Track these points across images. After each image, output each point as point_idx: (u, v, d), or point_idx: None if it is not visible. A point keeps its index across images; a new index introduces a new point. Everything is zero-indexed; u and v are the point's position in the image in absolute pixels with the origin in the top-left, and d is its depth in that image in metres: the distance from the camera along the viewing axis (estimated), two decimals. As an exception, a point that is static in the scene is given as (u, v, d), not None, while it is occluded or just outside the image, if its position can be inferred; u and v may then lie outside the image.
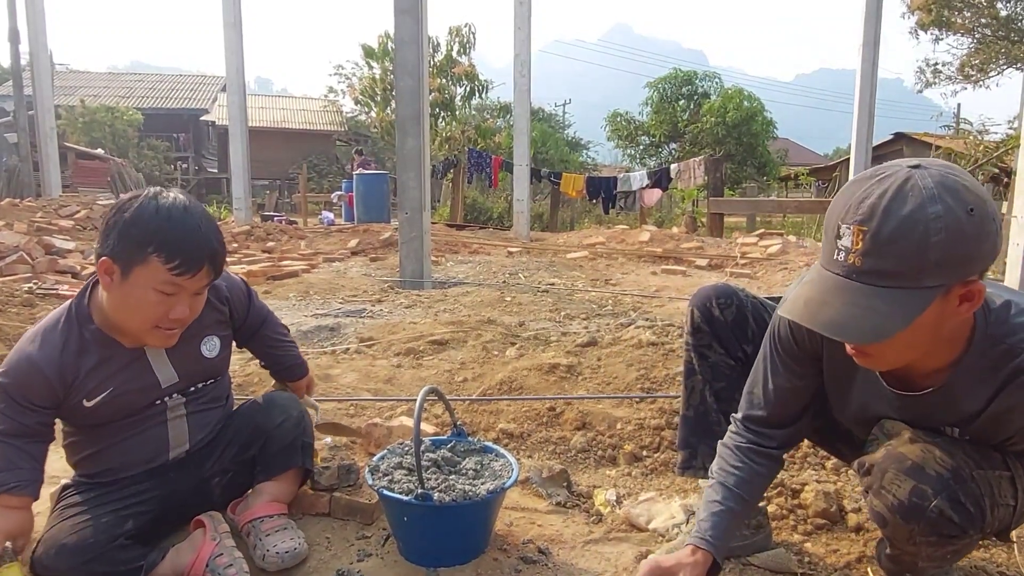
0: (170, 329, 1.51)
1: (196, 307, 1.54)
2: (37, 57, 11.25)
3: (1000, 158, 14.28)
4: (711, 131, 23.73)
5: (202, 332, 1.67)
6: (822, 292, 1.12)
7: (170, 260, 1.42)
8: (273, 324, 1.94)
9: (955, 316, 1.12)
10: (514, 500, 1.95)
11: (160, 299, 1.45)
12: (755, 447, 1.49)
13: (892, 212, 1.03)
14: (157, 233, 1.42)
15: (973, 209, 1.03)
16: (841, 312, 1.09)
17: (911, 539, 1.23)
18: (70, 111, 25.07)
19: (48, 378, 1.48)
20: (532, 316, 4.34)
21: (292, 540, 1.59)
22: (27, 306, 4.12)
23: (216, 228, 1.52)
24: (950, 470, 1.19)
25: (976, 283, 1.08)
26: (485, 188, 18.10)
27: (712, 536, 1.41)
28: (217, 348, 1.71)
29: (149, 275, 1.43)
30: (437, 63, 21.86)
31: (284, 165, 26.57)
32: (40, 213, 8.41)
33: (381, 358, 3.38)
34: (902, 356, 1.20)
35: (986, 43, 21.04)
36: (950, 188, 1.03)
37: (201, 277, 1.48)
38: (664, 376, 2.73)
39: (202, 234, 1.47)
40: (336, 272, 6.51)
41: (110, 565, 1.46)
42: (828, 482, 2.00)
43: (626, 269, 7.15)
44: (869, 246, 1.05)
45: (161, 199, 1.47)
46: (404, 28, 5.71)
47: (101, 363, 1.54)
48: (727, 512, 1.44)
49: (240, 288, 1.80)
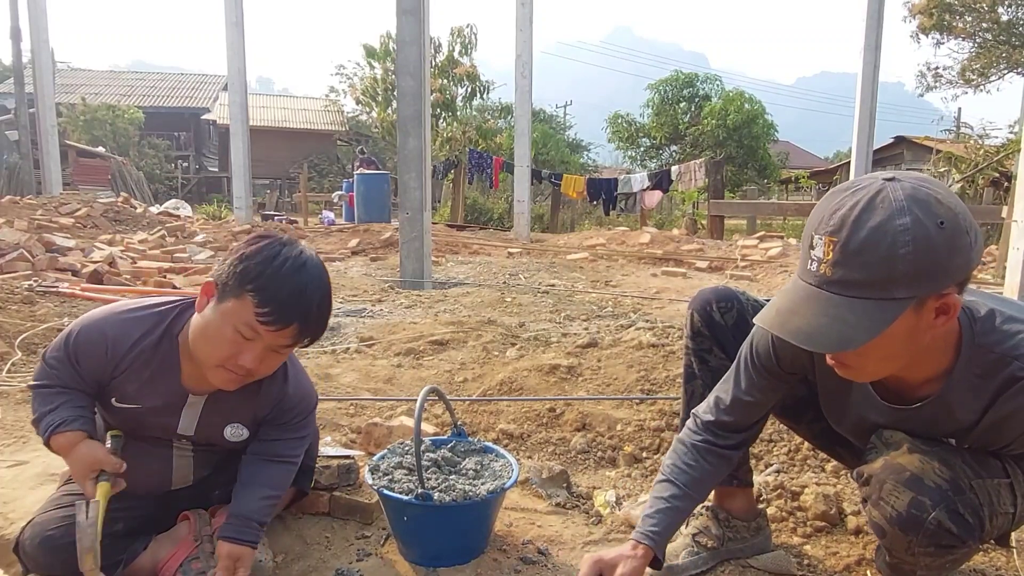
0: (233, 373, 1.43)
1: (267, 364, 1.45)
2: (39, 55, 11.27)
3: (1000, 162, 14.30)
4: (712, 133, 23.73)
5: (234, 416, 1.58)
6: (793, 301, 1.13)
7: (262, 304, 1.36)
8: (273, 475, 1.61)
9: (931, 329, 1.11)
10: (514, 501, 1.95)
11: (236, 338, 1.39)
12: (711, 447, 1.51)
13: (861, 223, 1.04)
14: (263, 275, 1.37)
15: (943, 222, 1.03)
16: (809, 321, 1.10)
17: (909, 550, 1.23)
18: (71, 109, 25.09)
19: (112, 351, 1.47)
20: (532, 317, 4.34)
21: (258, 552, 1.55)
22: (27, 303, 4.12)
23: (325, 299, 1.44)
24: (948, 481, 1.19)
25: (950, 296, 1.08)
26: (486, 189, 18.11)
27: (655, 533, 1.44)
28: (242, 438, 1.60)
29: (238, 311, 1.37)
30: (439, 63, 21.88)
31: (285, 165, 26.58)
32: (41, 211, 8.40)
33: (381, 358, 3.38)
34: (881, 368, 1.20)
35: (987, 47, 21.07)
36: (920, 201, 1.04)
37: (285, 335, 1.39)
38: (664, 378, 2.73)
39: (305, 295, 1.39)
40: (336, 272, 6.51)
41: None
42: (828, 485, 2.00)
43: (626, 271, 7.16)
44: (839, 256, 1.06)
45: (288, 248, 1.42)
46: (406, 28, 5.71)
47: (149, 379, 1.50)
48: (673, 510, 1.47)
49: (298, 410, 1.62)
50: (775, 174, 25.93)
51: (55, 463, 1.98)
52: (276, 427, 1.60)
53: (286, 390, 1.58)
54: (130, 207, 10.32)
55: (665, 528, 1.45)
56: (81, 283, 4.80)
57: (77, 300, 4.29)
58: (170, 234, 8.42)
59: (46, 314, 3.85)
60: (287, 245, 1.42)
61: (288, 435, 1.62)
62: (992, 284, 6.26)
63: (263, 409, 1.58)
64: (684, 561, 1.61)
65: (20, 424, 2.46)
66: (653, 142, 26.55)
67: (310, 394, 1.66)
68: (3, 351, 3.24)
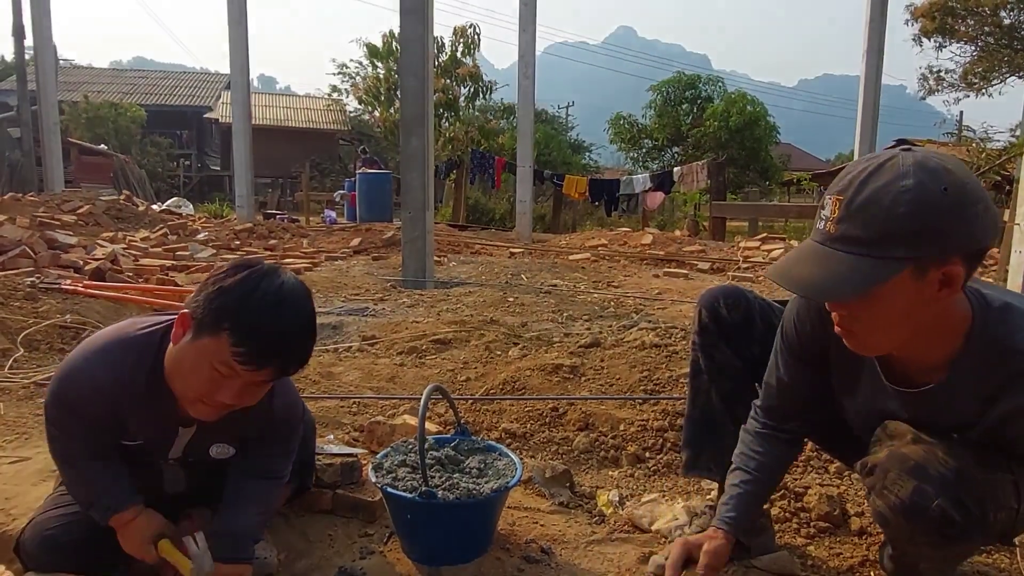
0: (211, 407, 1.38)
1: (246, 399, 1.38)
2: (41, 52, 11.27)
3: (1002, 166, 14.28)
4: (714, 135, 23.70)
5: (222, 436, 1.54)
6: (798, 254, 1.19)
7: (238, 344, 1.28)
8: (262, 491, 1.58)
9: (935, 302, 1.12)
10: (517, 500, 1.95)
11: (212, 376, 1.32)
12: (772, 433, 1.54)
13: (866, 183, 1.09)
14: (240, 313, 1.29)
15: (947, 188, 1.05)
16: (806, 271, 1.15)
17: (912, 539, 1.23)
18: (73, 107, 25.09)
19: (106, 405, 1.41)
20: (535, 317, 4.34)
21: (261, 550, 1.55)
22: (29, 300, 4.12)
23: (305, 333, 1.37)
24: (953, 470, 1.19)
25: (954, 267, 1.09)
26: (488, 189, 18.10)
27: (731, 519, 1.47)
28: (228, 454, 1.57)
29: (214, 349, 1.30)
30: (441, 63, 21.87)
31: (287, 163, 26.55)
32: (43, 208, 8.41)
33: (384, 357, 3.38)
34: (883, 338, 1.21)
35: (989, 51, 21.06)
36: (927, 167, 1.07)
37: (264, 374, 1.34)
38: (667, 378, 2.73)
39: (284, 336, 1.33)
40: (338, 271, 6.51)
41: (93, 557, 1.46)
42: (831, 486, 1.99)
43: (628, 271, 7.15)
44: (843, 213, 1.11)
45: (267, 281, 1.33)
46: (410, 28, 5.71)
47: (148, 415, 1.45)
48: (747, 495, 1.50)
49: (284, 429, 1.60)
50: (777, 176, 25.90)
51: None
52: (264, 443, 1.56)
53: (272, 407, 1.52)
54: (132, 205, 10.34)
55: (741, 513, 1.48)
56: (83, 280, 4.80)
57: (79, 297, 4.29)
58: (172, 232, 8.43)
59: (48, 311, 3.85)
60: (266, 276, 1.33)
61: (276, 450, 1.58)
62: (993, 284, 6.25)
63: (250, 429, 1.54)
64: None
65: (22, 420, 2.46)
66: (655, 143, 26.51)
67: (295, 403, 1.62)
68: (5, 347, 3.24)
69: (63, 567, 1.44)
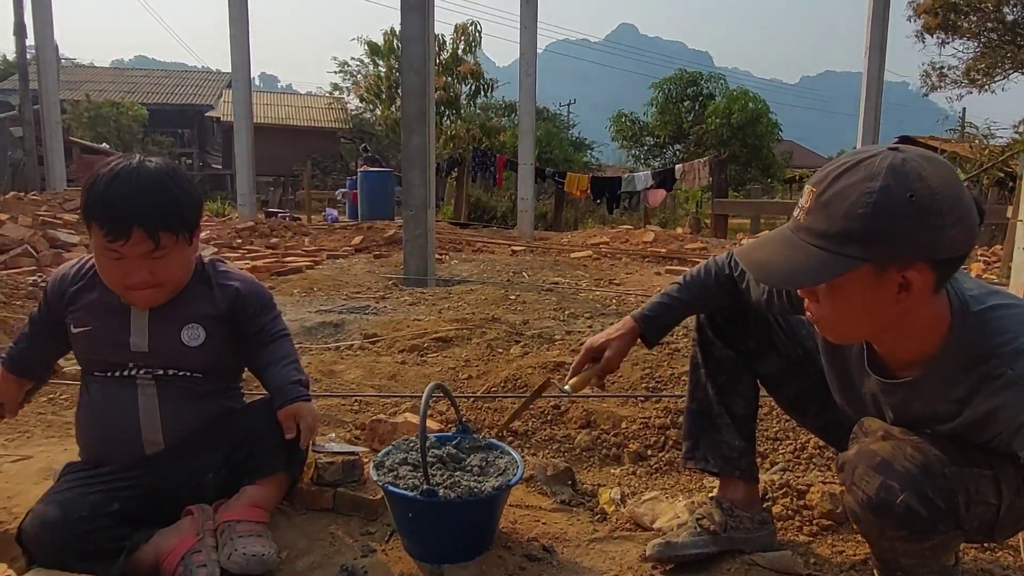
0: (142, 290, 1.54)
1: (162, 272, 1.54)
2: (43, 51, 11.26)
3: (1005, 162, 14.23)
4: (716, 132, 23.67)
5: (187, 318, 1.64)
6: (767, 239, 1.24)
7: (101, 227, 1.46)
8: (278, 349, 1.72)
9: (896, 302, 1.14)
10: (518, 498, 1.94)
11: (111, 263, 1.50)
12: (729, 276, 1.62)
13: (838, 179, 1.11)
14: (95, 201, 1.47)
15: (914, 196, 1.06)
16: (767, 255, 1.20)
17: (883, 534, 1.24)
18: (75, 106, 25.12)
19: (61, 281, 1.68)
20: (536, 315, 4.34)
21: (262, 547, 1.53)
22: (31, 299, 4.13)
23: (170, 192, 1.51)
24: (919, 466, 1.19)
25: (913, 273, 1.10)
26: (489, 187, 18.09)
27: (644, 315, 1.68)
28: (200, 339, 1.64)
29: (95, 240, 1.50)
30: (443, 61, 21.84)
31: (288, 162, 26.56)
32: (45, 207, 8.42)
33: (385, 355, 3.38)
34: (848, 328, 1.24)
35: (992, 47, 20.98)
36: (900, 172, 1.07)
37: (136, 243, 1.46)
38: (669, 375, 2.73)
39: (135, 198, 1.46)
40: (340, 269, 6.51)
41: (92, 543, 1.46)
42: (834, 483, 1.98)
43: (630, 269, 7.15)
44: (812, 204, 1.14)
45: (119, 165, 1.51)
46: (411, 26, 5.70)
47: (94, 301, 1.63)
48: (671, 301, 1.67)
49: (259, 297, 1.73)
50: (779, 173, 25.87)
51: (59, 458, 1.98)
52: (251, 318, 1.70)
53: (238, 287, 1.69)
54: (134, 203, 10.32)
55: (656, 313, 1.68)
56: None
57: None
58: (174, 231, 8.41)
59: (50, 309, 3.85)
60: (119, 164, 1.51)
61: (267, 317, 1.73)
62: (997, 284, 6.24)
63: (218, 307, 1.67)
64: (685, 540, 1.63)
65: (24, 419, 2.46)
66: (657, 141, 26.49)
67: (262, 288, 1.78)
68: (7, 346, 3.24)
69: (62, 549, 1.45)
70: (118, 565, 1.47)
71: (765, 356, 1.69)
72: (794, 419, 1.88)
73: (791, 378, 1.69)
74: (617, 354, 1.68)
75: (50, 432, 2.37)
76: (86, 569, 1.45)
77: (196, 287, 1.66)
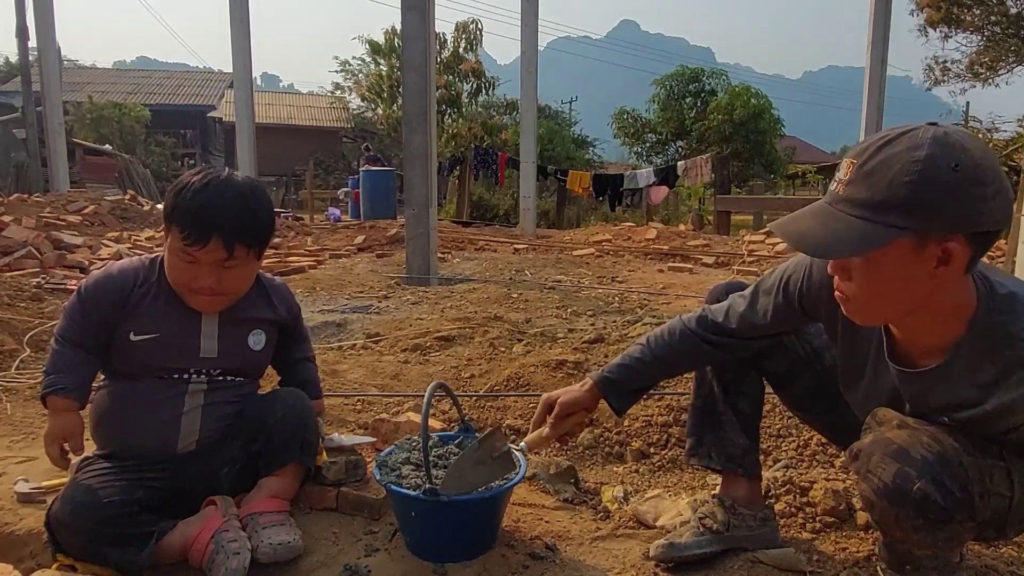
0: (205, 296, 1.60)
1: (228, 282, 1.60)
2: (45, 53, 11.29)
3: (1010, 156, 14.18)
4: (718, 129, 23.60)
5: (254, 323, 1.75)
6: (804, 212, 1.22)
7: (182, 230, 1.53)
8: (306, 347, 2.01)
9: (933, 278, 1.13)
10: (521, 496, 1.95)
11: (183, 266, 1.57)
12: (695, 333, 1.61)
13: (881, 149, 1.11)
14: (180, 204, 1.54)
15: (958, 166, 1.06)
16: (804, 227, 1.19)
17: (898, 523, 1.23)
18: (78, 107, 25.14)
19: (120, 288, 1.63)
20: (539, 313, 4.34)
21: (287, 535, 1.58)
22: (35, 300, 4.14)
23: (251, 209, 1.58)
24: (935, 454, 1.19)
25: (953, 244, 1.09)
26: (491, 185, 18.08)
27: (605, 377, 1.66)
28: (263, 344, 1.76)
29: (173, 241, 1.56)
30: (444, 59, 21.83)
31: (291, 162, 26.59)
32: (48, 208, 8.44)
33: (388, 354, 3.38)
34: (879, 306, 1.22)
35: (995, 41, 20.88)
36: (944, 143, 1.07)
37: (212, 250, 1.54)
38: (671, 373, 2.72)
39: (219, 210, 1.53)
40: (342, 268, 6.51)
41: (121, 527, 1.49)
42: (837, 480, 1.98)
43: (633, 266, 7.14)
44: (852, 176, 1.14)
45: (210, 176, 1.59)
46: (411, 24, 5.70)
47: (161, 307, 1.65)
48: (634, 364, 1.65)
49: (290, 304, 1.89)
50: (782, 169, 25.78)
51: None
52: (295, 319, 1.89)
53: (287, 291, 1.87)
54: (137, 204, 10.36)
55: (617, 376, 1.65)
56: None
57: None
58: (177, 231, 8.43)
59: (54, 311, 3.86)
60: (199, 174, 1.59)
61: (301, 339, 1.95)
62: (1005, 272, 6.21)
63: (279, 312, 1.80)
64: (688, 540, 1.62)
65: (29, 420, 2.47)
66: (659, 138, 26.42)
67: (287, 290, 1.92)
68: (12, 348, 3.25)
69: (92, 533, 1.47)
70: (148, 549, 1.50)
71: (772, 354, 1.68)
72: (799, 417, 1.88)
73: (798, 376, 1.68)
74: (570, 404, 1.68)
75: (55, 433, 2.37)
76: (116, 556, 1.48)
77: (254, 293, 1.75)
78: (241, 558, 1.49)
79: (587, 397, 1.68)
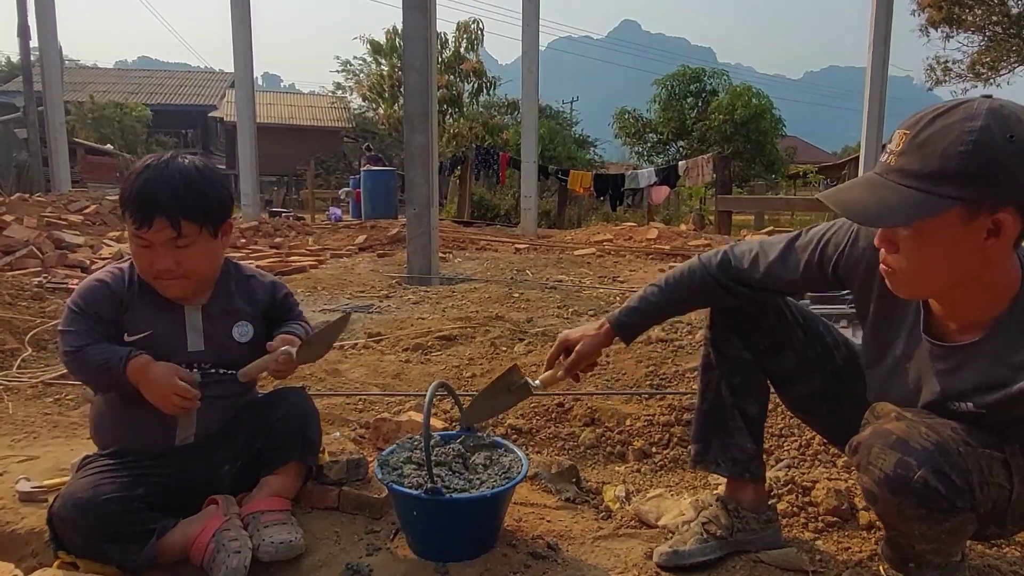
0: (168, 279, 1.60)
1: (188, 262, 1.59)
2: (47, 53, 11.30)
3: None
4: (719, 128, 23.61)
5: (236, 315, 1.73)
6: (854, 182, 1.22)
7: (130, 215, 1.55)
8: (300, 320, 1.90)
9: (981, 250, 1.12)
10: (523, 496, 1.94)
11: (140, 251, 1.59)
12: (713, 277, 1.60)
13: (935, 120, 1.10)
14: (126, 190, 1.57)
15: (1014, 137, 1.05)
16: (855, 196, 1.18)
17: (901, 513, 1.23)
18: (79, 107, 25.18)
19: (113, 292, 1.64)
20: (540, 312, 4.34)
21: (289, 533, 1.58)
22: (37, 300, 4.14)
23: (195, 186, 1.58)
24: (935, 443, 1.19)
25: (1004, 216, 1.09)
26: (492, 185, 18.07)
27: (621, 319, 1.69)
28: (249, 335, 1.74)
29: (129, 228, 1.59)
30: (445, 59, 21.84)
31: (292, 161, 26.57)
32: (50, 208, 8.45)
33: (389, 353, 3.38)
34: (926, 278, 1.20)
35: (997, 41, 20.86)
36: (999, 114, 1.07)
37: (159, 230, 1.54)
38: (673, 372, 2.72)
39: (160, 188, 1.54)
40: (344, 268, 6.51)
41: (122, 524, 1.49)
42: (839, 480, 1.98)
43: (634, 266, 7.14)
44: (905, 147, 1.13)
45: (152, 159, 1.61)
46: (412, 24, 5.70)
47: (149, 305, 1.65)
48: (648, 305, 1.66)
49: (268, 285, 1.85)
50: (783, 169, 25.79)
51: (65, 457, 1.99)
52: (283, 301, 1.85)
53: (272, 279, 1.86)
54: (138, 204, 10.34)
55: (633, 318, 1.68)
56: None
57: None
58: (178, 231, 8.43)
59: (56, 311, 3.86)
60: (155, 158, 1.61)
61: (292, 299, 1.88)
62: None
63: (259, 300, 1.79)
64: (692, 547, 1.62)
65: (30, 419, 2.47)
66: (660, 137, 26.44)
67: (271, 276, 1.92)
68: (13, 347, 3.26)
69: (93, 529, 1.47)
70: (149, 546, 1.50)
71: (779, 354, 1.65)
72: (799, 418, 1.86)
73: (805, 377, 1.65)
74: (590, 351, 1.71)
75: (56, 432, 2.37)
76: (117, 553, 1.48)
77: (235, 286, 1.76)
78: (242, 557, 1.49)
79: (603, 341, 1.71)
